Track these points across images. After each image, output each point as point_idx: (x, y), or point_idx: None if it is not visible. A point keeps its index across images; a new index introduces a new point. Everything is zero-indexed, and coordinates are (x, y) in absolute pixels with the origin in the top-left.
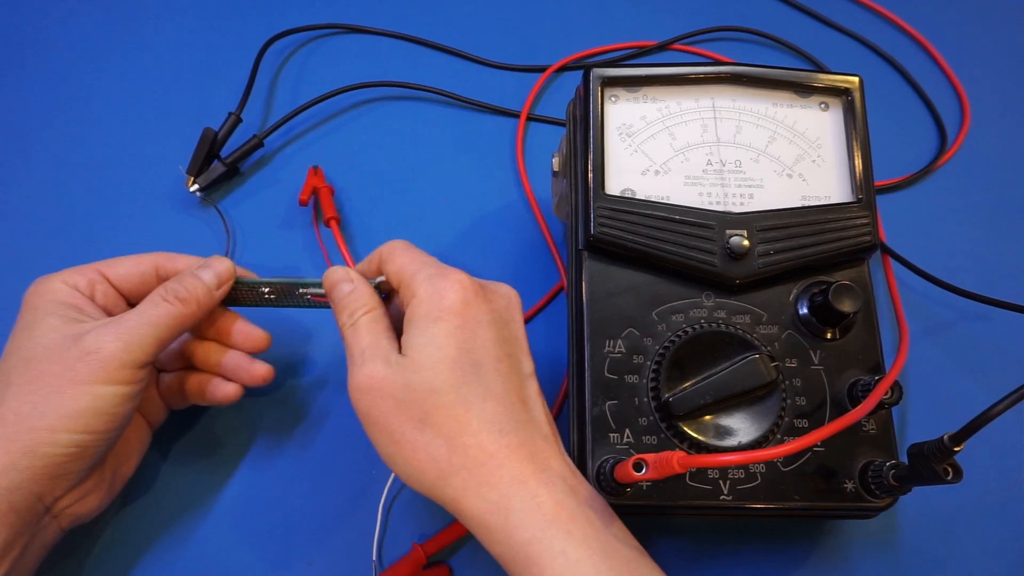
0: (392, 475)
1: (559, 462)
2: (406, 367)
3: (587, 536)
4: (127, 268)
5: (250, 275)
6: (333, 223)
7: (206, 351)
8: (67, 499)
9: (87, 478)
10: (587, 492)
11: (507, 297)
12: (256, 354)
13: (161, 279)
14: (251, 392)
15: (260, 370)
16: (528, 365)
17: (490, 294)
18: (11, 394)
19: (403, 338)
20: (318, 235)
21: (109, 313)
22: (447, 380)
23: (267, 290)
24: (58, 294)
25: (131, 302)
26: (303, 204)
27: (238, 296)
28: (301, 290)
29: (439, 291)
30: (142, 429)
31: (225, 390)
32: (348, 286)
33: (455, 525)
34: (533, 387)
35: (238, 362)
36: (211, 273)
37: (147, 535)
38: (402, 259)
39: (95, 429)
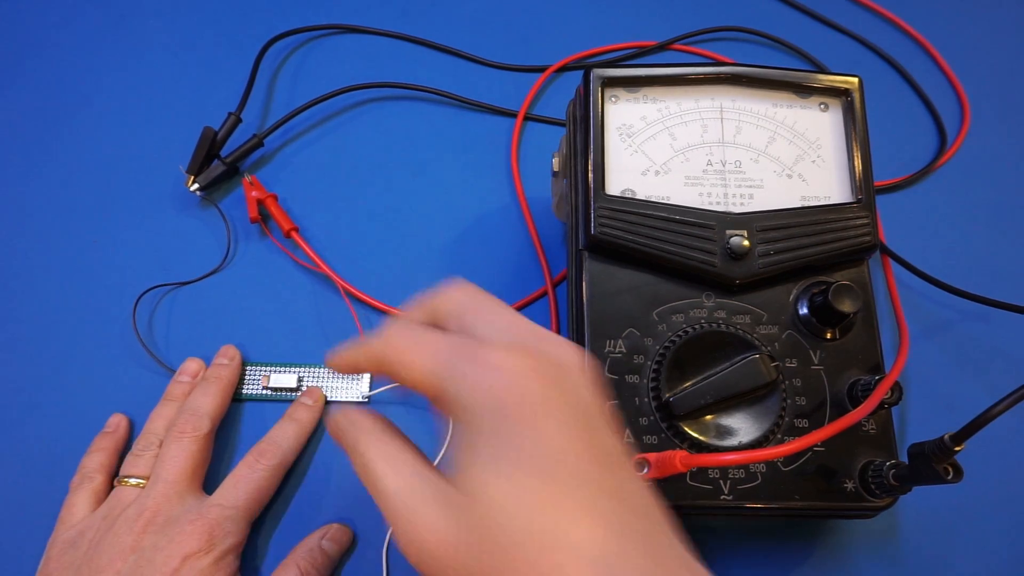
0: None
1: None
2: (471, 513)
3: None
4: None
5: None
6: (294, 233)
7: None
8: None
9: None
10: None
11: (567, 355)
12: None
13: None
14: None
15: None
16: (617, 442)
17: (548, 361)
18: None
19: (455, 462)
20: (284, 249)
21: None
22: (529, 522)
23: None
24: None
25: None
26: (254, 222)
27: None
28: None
29: (475, 389)
30: None
31: None
32: (344, 421)
33: None
34: (628, 472)
35: None
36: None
37: None
38: (435, 345)
39: None
